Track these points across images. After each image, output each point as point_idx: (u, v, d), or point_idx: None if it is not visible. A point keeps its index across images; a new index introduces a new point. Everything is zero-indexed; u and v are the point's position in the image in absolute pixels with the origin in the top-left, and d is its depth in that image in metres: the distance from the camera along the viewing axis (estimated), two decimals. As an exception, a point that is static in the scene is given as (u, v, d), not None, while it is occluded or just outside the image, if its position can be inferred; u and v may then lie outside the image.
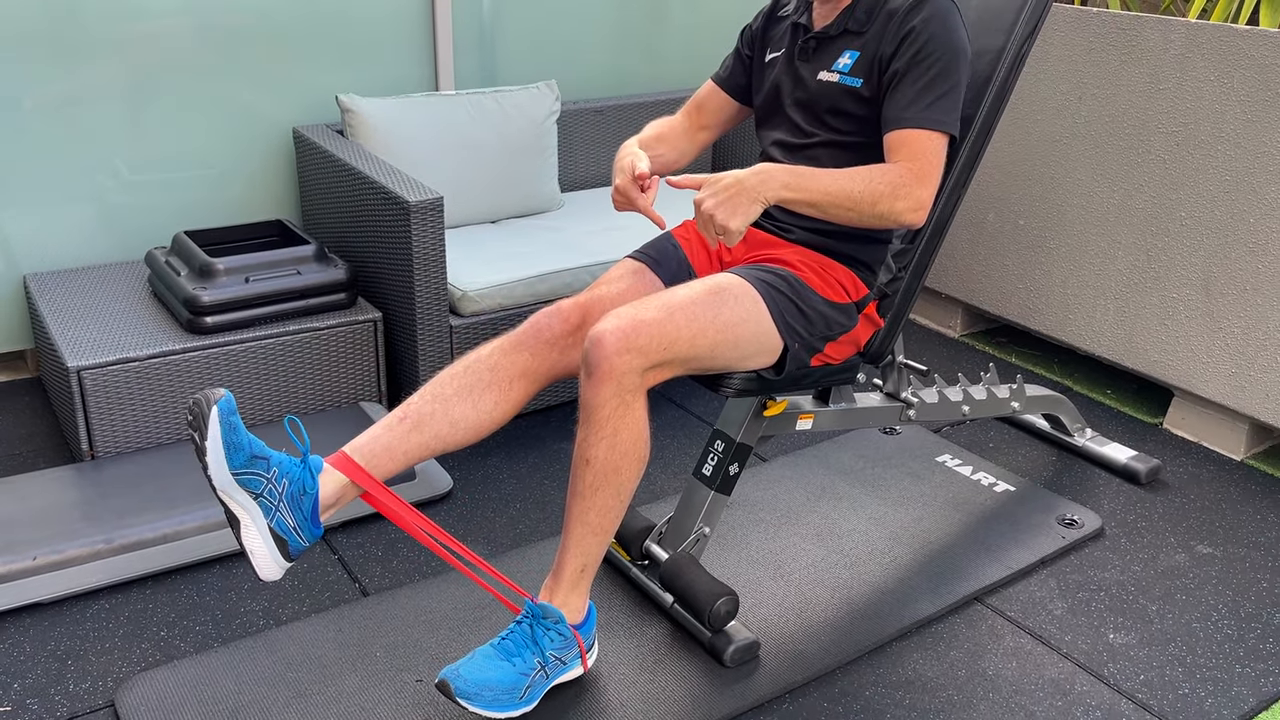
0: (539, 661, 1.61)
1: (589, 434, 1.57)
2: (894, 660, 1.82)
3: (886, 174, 1.61)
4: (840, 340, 1.77)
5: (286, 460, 1.49)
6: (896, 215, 1.62)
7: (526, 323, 1.72)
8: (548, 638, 1.62)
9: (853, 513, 2.23)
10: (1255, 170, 2.35)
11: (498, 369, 1.66)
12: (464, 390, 1.63)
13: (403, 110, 2.70)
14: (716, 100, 1.99)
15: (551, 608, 1.63)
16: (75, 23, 2.49)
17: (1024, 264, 2.89)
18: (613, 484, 1.58)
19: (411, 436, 1.58)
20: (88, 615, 1.86)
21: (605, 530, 1.62)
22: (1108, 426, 2.65)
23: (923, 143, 1.64)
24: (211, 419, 1.40)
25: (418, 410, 1.60)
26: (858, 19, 1.74)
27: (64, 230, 2.62)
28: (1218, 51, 2.37)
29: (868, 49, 1.72)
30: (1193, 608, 1.98)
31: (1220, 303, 2.46)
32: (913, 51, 1.65)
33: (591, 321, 1.70)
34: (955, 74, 1.65)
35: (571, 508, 1.61)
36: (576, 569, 1.63)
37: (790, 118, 1.82)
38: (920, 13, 1.67)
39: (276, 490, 1.46)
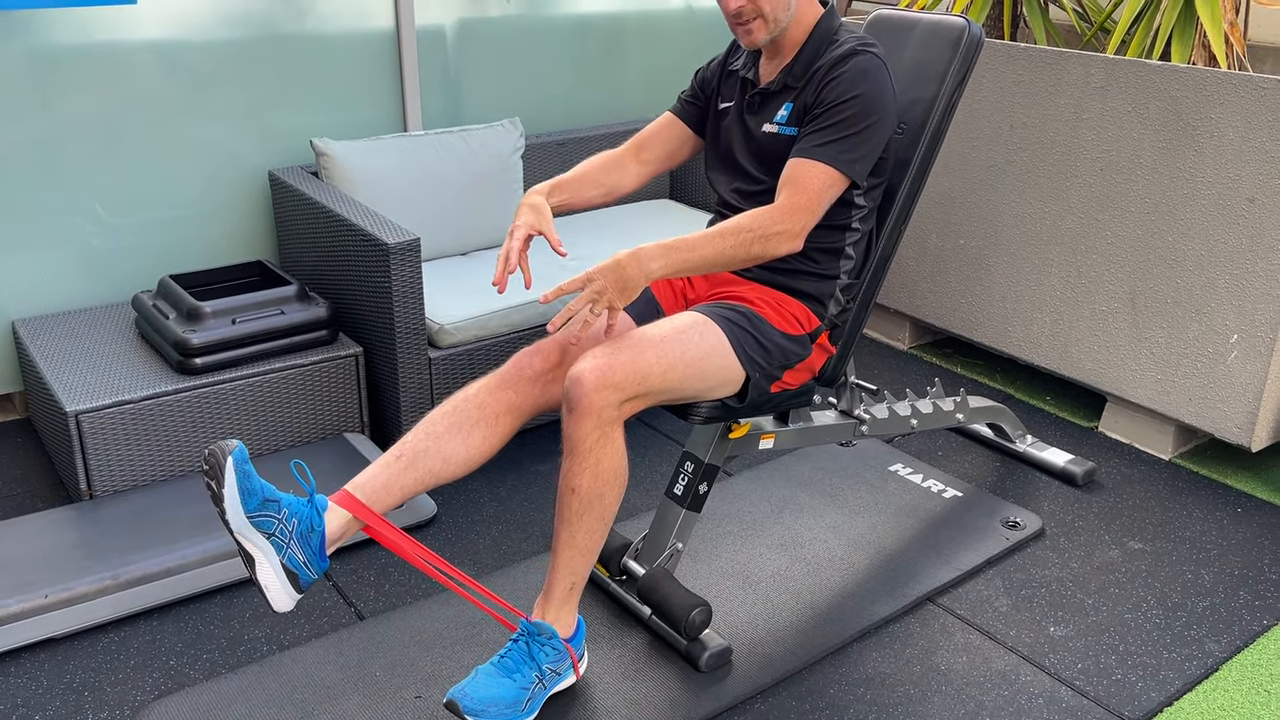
0: (537, 675, 1.75)
1: (573, 465, 1.71)
2: (855, 659, 1.98)
3: (754, 219, 1.77)
4: (797, 368, 1.94)
5: (295, 501, 1.62)
6: (772, 250, 1.77)
7: (509, 362, 1.86)
8: (543, 652, 1.76)
9: (813, 522, 2.39)
10: (1171, 193, 2.55)
11: (485, 406, 1.80)
12: (454, 427, 1.77)
13: (374, 152, 2.83)
14: (668, 132, 2.10)
15: (545, 625, 1.77)
16: (52, 67, 2.59)
17: (966, 280, 3.07)
18: (597, 509, 1.73)
19: (407, 473, 1.72)
20: (99, 648, 1.97)
21: (591, 550, 1.77)
22: (1047, 430, 2.84)
23: (810, 175, 1.79)
24: (227, 469, 1.53)
25: (412, 448, 1.74)
26: (795, 75, 1.91)
27: (47, 275, 2.72)
28: (1134, 84, 2.57)
29: (800, 99, 1.89)
30: (1125, 600, 2.17)
31: (1145, 315, 2.66)
32: (829, 97, 1.81)
33: (570, 358, 1.85)
34: (864, 122, 1.80)
35: (560, 532, 1.76)
36: (566, 587, 1.78)
37: (744, 167, 1.98)
38: (845, 66, 1.82)
39: (287, 529, 1.59)
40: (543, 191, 1.94)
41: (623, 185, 2.08)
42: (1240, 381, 2.49)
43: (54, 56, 2.58)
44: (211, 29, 2.75)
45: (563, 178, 2.01)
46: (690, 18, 3.64)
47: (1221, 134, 2.42)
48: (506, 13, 3.22)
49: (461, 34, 3.16)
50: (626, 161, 2.09)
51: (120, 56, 2.66)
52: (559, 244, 1.83)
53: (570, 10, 3.36)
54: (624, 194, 2.10)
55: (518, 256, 1.81)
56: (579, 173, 2.04)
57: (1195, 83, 2.45)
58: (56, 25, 2.56)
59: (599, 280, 1.69)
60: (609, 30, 3.46)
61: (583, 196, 2.03)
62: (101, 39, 2.62)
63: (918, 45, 2.05)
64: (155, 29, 2.68)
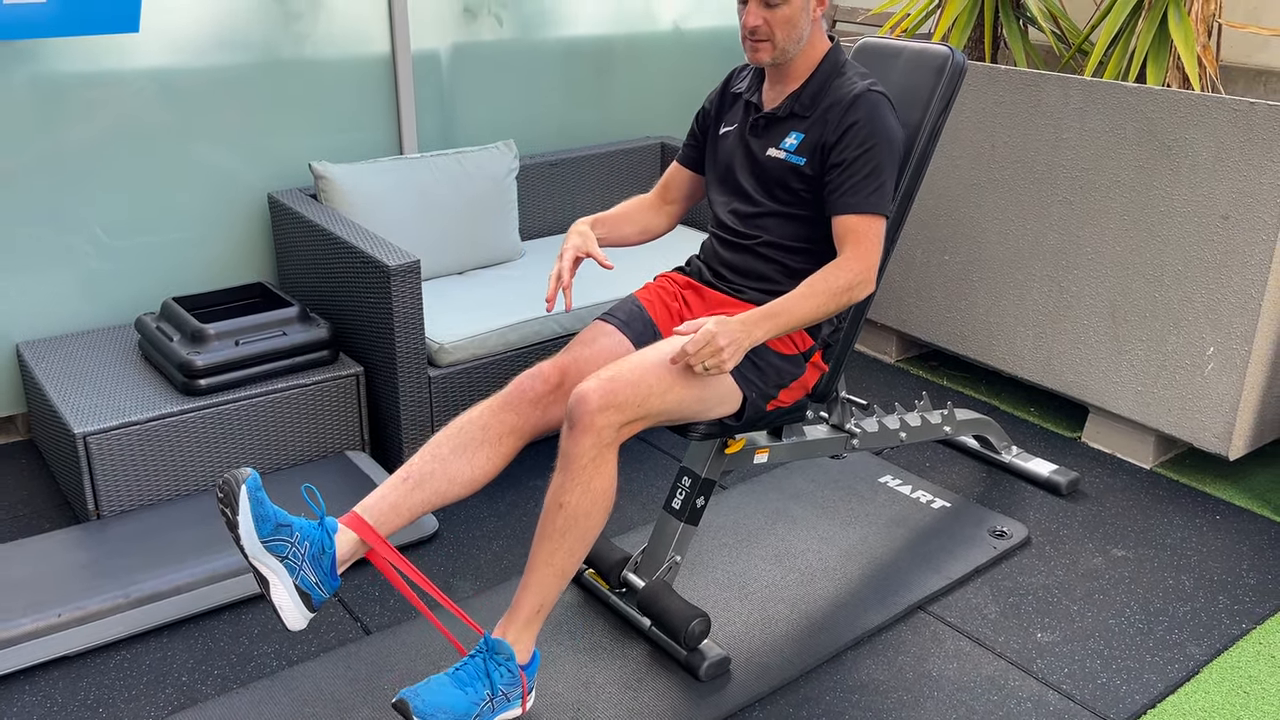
0: (489, 693, 1.73)
1: (566, 480, 1.76)
2: (849, 667, 2.05)
3: (835, 277, 1.89)
4: (791, 386, 2.00)
5: (307, 525, 1.68)
6: (857, 298, 1.92)
7: (511, 384, 1.92)
8: (499, 672, 1.75)
9: (806, 533, 2.46)
10: (1149, 210, 2.63)
11: (488, 428, 1.86)
12: (459, 449, 1.83)
13: (372, 175, 2.88)
14: (681, 178, 2.25)
15: (506, 644, 1.76)
16: (56, 93, 2.64)
17: (951, 295, 3.15)
18: (582, 527, 1.76)
19: (414, 494, 1.78)
20: (111, 666, 2.01)
21: (565, 573, 1.79)
22: (1032, 441, 2.92)
23: (864, 227, 1.92)
24: (242, 497, 1.59)
25: (419, 470, 1.80)
26: (803, 103, 2.00)
27: (50, 298, 2.76)
28: (1111, 105, 2.65)
29: (811, 132, 1.97)
30: (1109, 606, 2.24)
31: (1125, 328, 2.74)
32: (854, 145, 1.92)
33: (569, 380, 1.91)
34: (888, 162, 1.94)
35: (539, 549, 1.78)
36: (533, 608, 1.78)
37: (743, 187, 2.06)
38: (860, 109, 1.93)
39: (300, 552, 1.65)
40: (587, 222, 2.10)
41: (656, 225, 2.25)
42: (1217, 392, 2.57)
43: (58, 83, 2.63)
44: (212, 54, 2.81)
45: (603, 214, 2.19)
46: (678, 40, 3.72)
47: (1196, 154, 2.51)
48: (500, 37, 3.29)
49: (456, 58, 3.22)
50: (657, 204, 2.26)
51: (123, 82, 2.71)
52: (605, 258, 1.99)
53: (561, 34, 3.43)
54: (658, 234, 2.26)
55: (569, 276, 1.98)
56: (618, 211, 2.22)
57: (1170, 104, 2.53)
58: (61, 53, 2.61)
59: (721, 339, 1.77)
60: (599, 53, 3.53)
61: (621, 233, 2.19)
62: (105, 66, 2.67)
63: (903, 72, 2.13)
64: (157, 55, 2.73)
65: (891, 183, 1.95)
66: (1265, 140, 2.38)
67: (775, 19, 1.93)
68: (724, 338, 1.78)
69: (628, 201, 2.26)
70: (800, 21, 1.95)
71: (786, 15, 1.93)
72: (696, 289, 2.13)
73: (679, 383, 1.80)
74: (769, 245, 2.03)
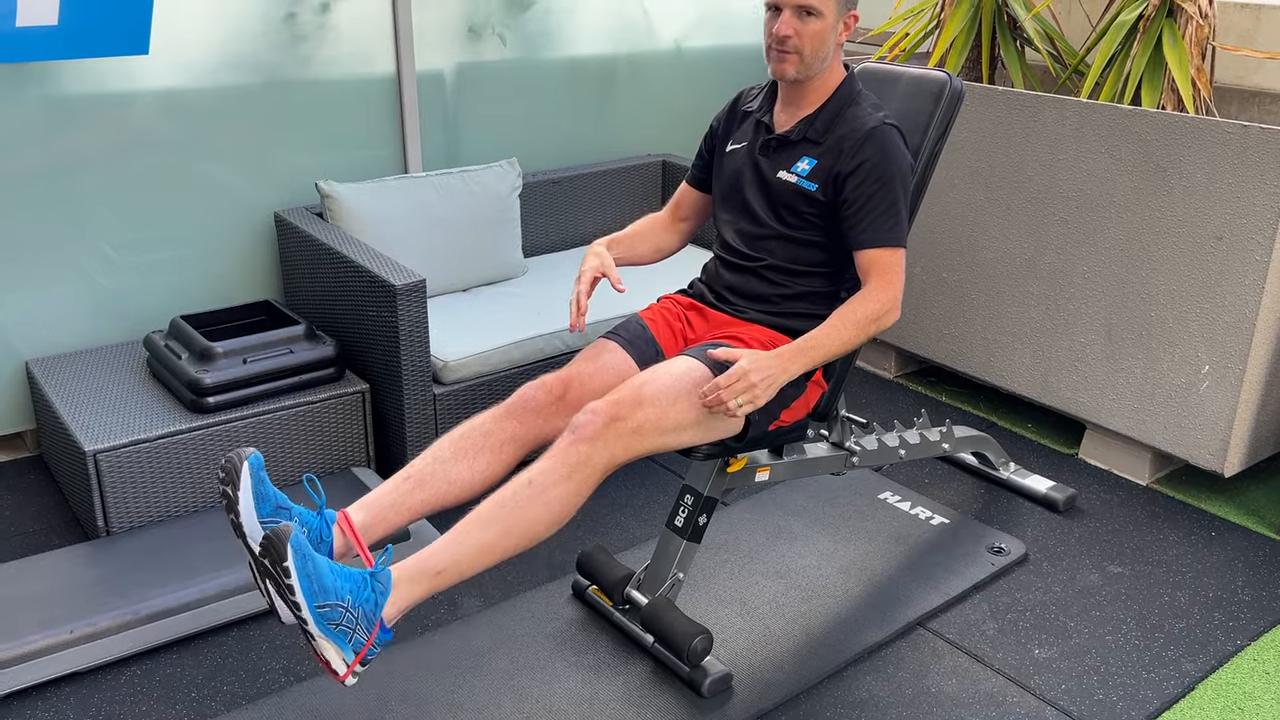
0: (349, 603, 1.57)
1: (547, 465, 1.75)
2: (849, 683, 2.07)
3: (866, 306, 1.95)
4: (793, 406, 2.04)
5: (306, 512, 1.71)
6: (885, 326, 1.98)
7: (515, 394, 1.96)
8: (366, 595, 1.59)
9: (806, 550, 2.49)
10: (1144, 231, 2.67)
11: (490, 434, 1.89)
12: (460, 453, 1.86)
13: (378, 194, 2.92)
14: (690, 198, 2.30)
15: (389, 576, 1.63)
16: (66, 114, 2.67)
17: (949, 312, 3.19)
18: (529, 513, 1.71)
19: (414, 494, 1.81)
20: (122, 682, 2.04)
21: (485, 553, 1.69)
22: (1029, 457, 2.95)
23: (887, 259, 1.98)
24: (243, 473, 1.62)
25: (419, 471, 1.84)
26: (817, 129, 2.03)
27: (59, 315, 2.79)
28: (1107, 127, 2.69)
29: (825, 160, 2.01)
30: (1106, 622, 2.27)
31: (1120, 346, 2.77)
32: (872, 180, 1.96)
33: (572, 393, 1.95)
34: (902, 194, 2.00)
35: (481, 510, 1.71)
36: (434, 569, 1.66)
37: (750, 207, 2.10)
38: (875, 143, 1.98)
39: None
40: (604, 244, 2.16)
41: (669, 244, 2.31)
42: (1212, 410, 2.60)
43: (68, 103, 2.66)
44: (220, 75, 2.85)
45: (619, 235, 2.25)
46: (679, 59, 3.76)
47: (1190, 175, 2.55)
48: (503, 57, 3.33)
49: (460, 78, 3.26)
50: (669, 222, 2.32)
51: (132, 103, 2.75)
52: (619, 282, 2.06)
53: (563, 54, 3.47)
54: (671, 252, 2.32)
55: (586, 300, 2.05)
56: (633, 231, 2.27)
57: (1165, 127, 2.57)
58: (72, 74, 2.65)
59: (755, 375, 1.82)
60: (601, 72, 3.58)
61: (636, 251, 2.24)
62: (115, 87, 2.71)
63: (902, 98, 2.17)
64: (166, 77, 2.77)
65: (907, 213, 2.01)
66: (1258, 162, 2.42)
67: (806, 31, 1.96)
68: (757, 374, 1.82)
69: (641, 221, 2.31)
70: (829, 39, 1.99)
71: (817, 30, 1.96)
72: (700, 310, 2.16)
73: (677, 408, 1.84)
74: (772, 269, 2.06)
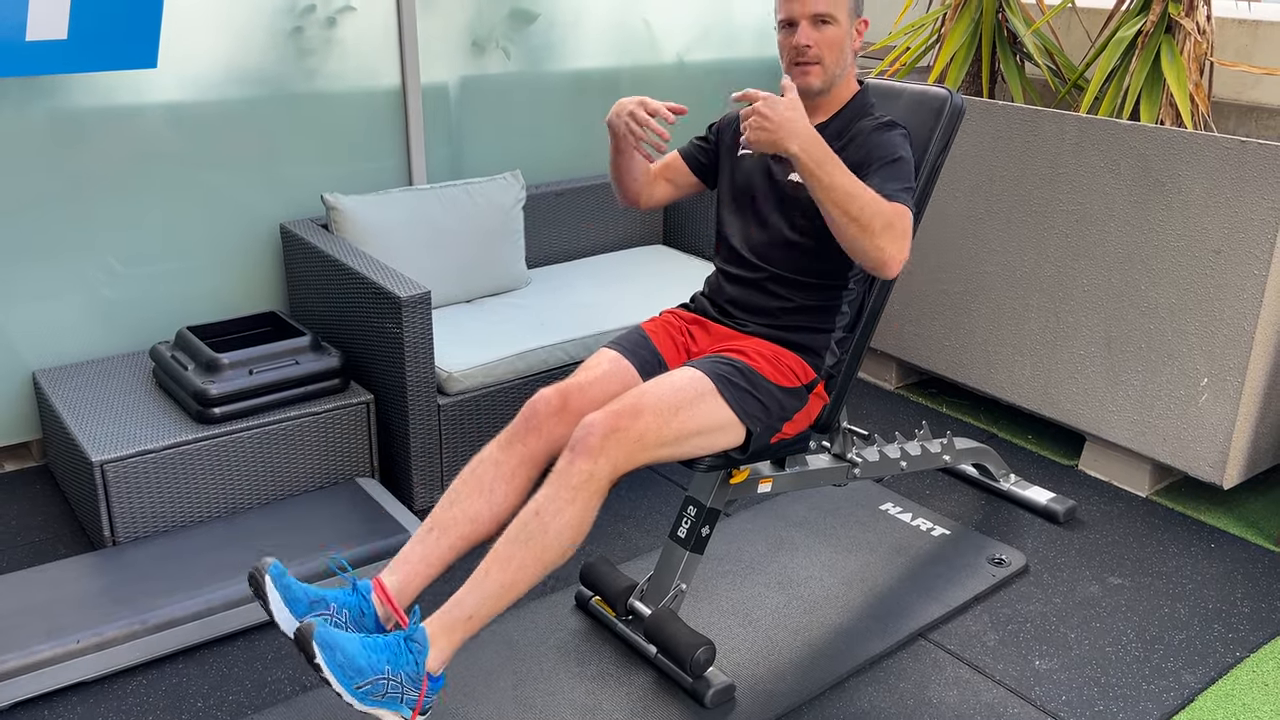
0: (388, 671, 1.64)
1: (549, 492, 1.78)
2: (851, 694, 2.09)
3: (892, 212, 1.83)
4: (795, 419, 2.05)
5: (341, 594, 1.76)
6: (883, 245, 1.81)
7: (517, 417, 1.97)
8: (406, 660, 1.67)
9: (808, 561, 2.50)
10: (1143, 245, 2.69)
11: (500, 464, 1.92)
12: (475, 490, 1.89)
13: (382, 206, 2.94)
14: (674, 168, 2.30)
15: (424, 633, 1.70)
16: (74, 127, 2.70)
17: (950, 324, 3.21)
18: (541, 544, 1.75)
19: (441, 542, 1.85)
20: (128, 691, 2.05)
21: (507, 589, 1.75)
22: (1029, 468, 2.96)
23: (901, 212, 1.87)
24: (268, 589, 1.68)
25: (440, 519, 1.87)
26: (829, 134, 2.04)
27: (66, 326, 2.81)
28: (1106, 141, 2.71)
29: None
30: (1106, 634, 2.28)
31: (1120, 359, 2.79)
32: (882, 156, 1.96)
33: (572, 403, 1.96)
34: (910, 173, 1.97)
35: (499, 550, 1.77)
36: (466, 614, 1.73)
37: (762, 213, 2.11)
38: (886, 133, 2.01)
39: (340, 622, 1.73)
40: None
41: (646, 190, 2.27)
42: (1211, 422, 2.62)
43: (76, 116, 2.69)
44: (226, 88, 2.87)
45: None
46: (681, 72, 3.79)
47: (1189, 190, 2.57)
48: (507, 70, 3.36)
49: (464, 91, 3.29)
50: (656, 178, 2.29)
51: (139, 116, 2.77)
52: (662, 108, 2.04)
53: (567, 67, 3.50)
54: (642, 201, 2.29)
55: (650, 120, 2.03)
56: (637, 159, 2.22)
57: (1164, 142, 2.60)
58: (80, 87, 2.67)
59: (771, 112, 1.77)
60: (604, 85, 3.60)
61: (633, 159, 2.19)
62: (122, 100, 2.73)
63: (904, 113, 2.18)
64: (173, 90, 2.79)
65: (913, 194, 1.97)
66: (1256, 177, 2.44)
67: (824, 40, 1.98)
68: (784, 111, 1.78)
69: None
70: (846, 46, 2.02)
71: (835, 37, 1.99)
72: (702, 324, 2.18)
73: (680, 418, 1.85)
74: (775, 280, 2.08)
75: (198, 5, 2.77)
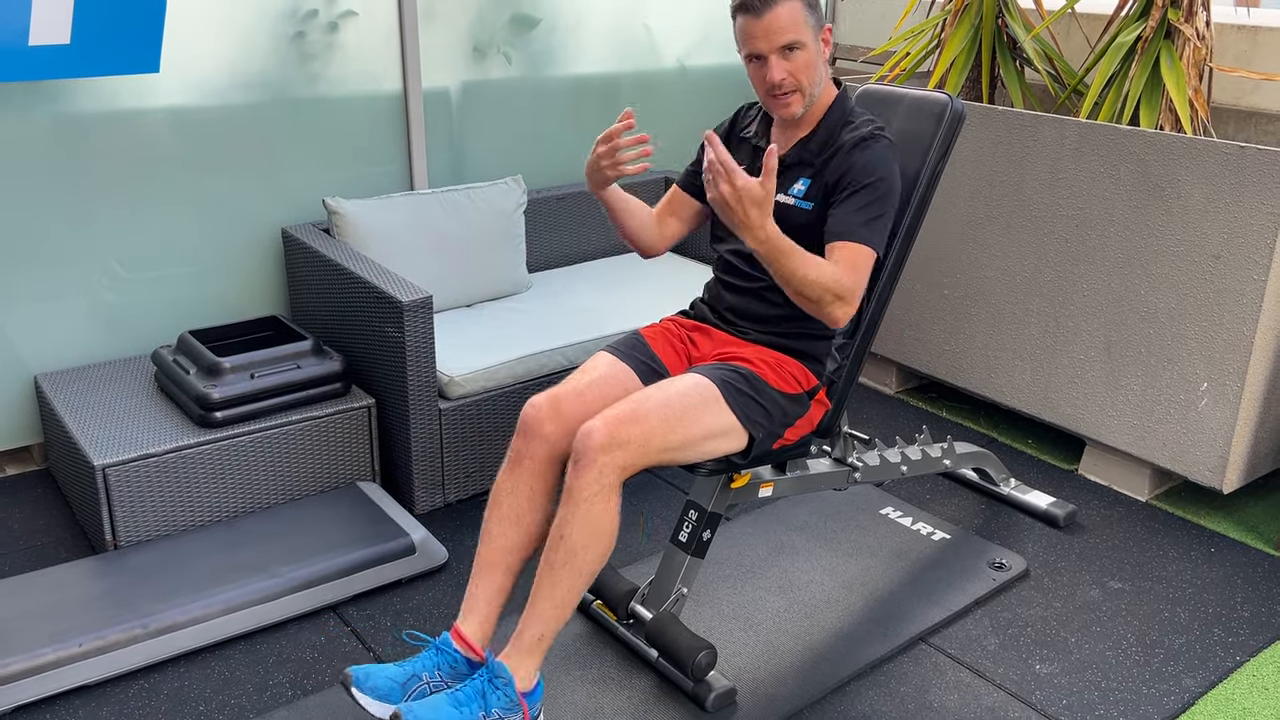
0: (483, 715, 1.77)
1: (567, 514, 1.82)
2: (852, 698, 2.09)
3: (833, 277, 1.86)
4: (797, 425, 2.06)
5: (426, 658, 1.84)
6: (831, 310, 1.88)
7: (515, 435, 1.99)
8: (496, 696, 1.78)
9: (808, 565, 2.50)
10: (1142, 250, 2.70)
11: (516, 491, 1.95)
12: (506, 523, 1.95)
13: (384, 210, 2.95)
14: (679, 203, 2.28)
15: (505, 668, 1.81)
16: (77, 131, 2.70)
17: (950, 329, 3.21)
18: (580, 560, 1.82)
19: (496, 576, 1.93)
20: (130, 695, 2.05)
21: (565, 605, 1.84)
22: (1029, 472, 2.97)
23: (859, 256, 1.92)
24: (359, 697, 1.79)
25: (487, 557, 1.95)
26: (811, 150, 2.04)
27: (68, 330, 2.81)
28: (1105, 147, 2.72)
29: (819, 178, 2.02)
30: (1106, 638, 2.28)
31: (1120, 363, 2.80)
32: (856, 182, 1.95)
33: (566, 408, 1.96)
34: (888, 204, 1.96)
35: (540, 580, 1.84)
36: (535, 637, 1.83)
37: None
38: (865, 150, 1.97)
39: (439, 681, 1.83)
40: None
41: (658, 233, 2.24)
42: (1211, 427, 2.63)
43: (79, 121, 2.69)
44: (229, 93, 2.88)
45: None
46: (683, 76, 3.80)
47: (1188, 195, 2.58)
48: (508, 75, 3.36)
49: (465, 96, 3.30)
50: (662, 217, 2.26)
51: (142, 120, 2.78)
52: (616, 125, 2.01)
53: (568, 72, 3.51)
54: (649, 247, 2.24)
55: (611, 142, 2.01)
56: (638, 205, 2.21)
57: (1163, 147, 2.61)
58: (83, 92, 2.68)
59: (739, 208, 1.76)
60: (605, 90, 3.61)
61: (628, 209, 2.18)
62: (125, 105, 2.74)
63: (904, 118, 2.20)
64: (176, 95, 2.80)
65: (888, 223, 1.97)
66: (1255, 182, 2.45)
67: (797, 67, 1.95)
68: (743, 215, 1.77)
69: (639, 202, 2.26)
70: (818, 63, 1.99)
71: (806, 60, 1.96)
72: (704, 330, 2.18)
73: (684, 423, 1.86)
74: (773, 289, 2.06)
75: (200, 10, 2.78)
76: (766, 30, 1.92)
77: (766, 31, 1.92)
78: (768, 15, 1.91)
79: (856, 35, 4.09)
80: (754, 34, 1.94)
